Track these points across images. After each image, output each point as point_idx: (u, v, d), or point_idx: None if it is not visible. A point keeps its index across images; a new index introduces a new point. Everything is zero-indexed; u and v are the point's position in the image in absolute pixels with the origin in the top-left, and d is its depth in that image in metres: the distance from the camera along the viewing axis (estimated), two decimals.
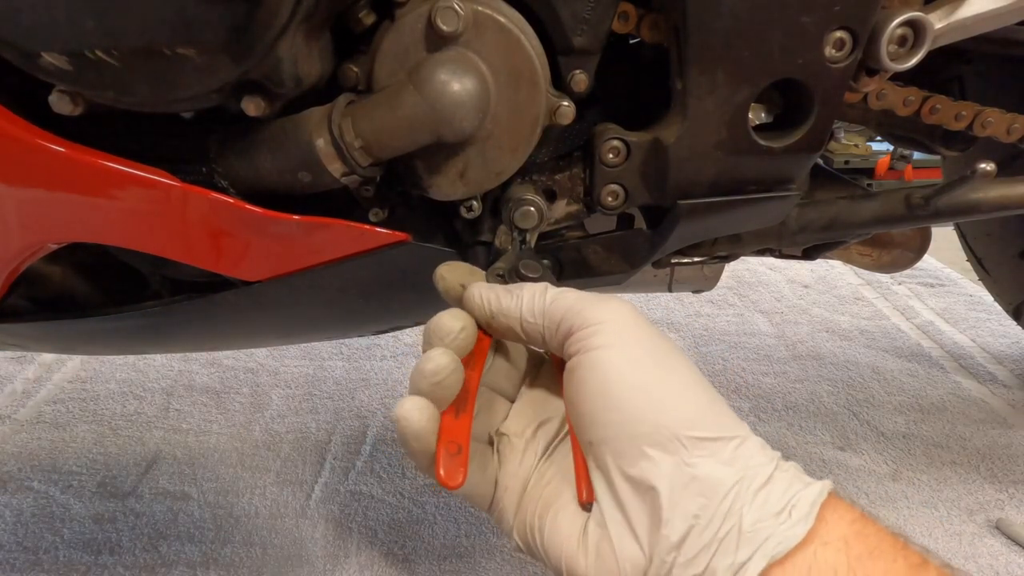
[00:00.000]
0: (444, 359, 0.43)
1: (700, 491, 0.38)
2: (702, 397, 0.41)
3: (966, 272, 1.81)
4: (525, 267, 0.50)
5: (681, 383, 0.41)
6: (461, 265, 0.50)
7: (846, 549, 0.36)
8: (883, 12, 0.54)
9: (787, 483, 0.39)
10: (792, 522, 0.37)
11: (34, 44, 0.43)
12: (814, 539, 0.37)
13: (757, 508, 0.37)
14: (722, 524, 0.37)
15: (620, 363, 0.41)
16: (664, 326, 1.70)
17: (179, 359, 1.49)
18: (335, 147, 0.50)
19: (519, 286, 0.46)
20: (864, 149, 3.00)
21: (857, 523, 0.38)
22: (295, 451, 1.21)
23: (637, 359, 0.41)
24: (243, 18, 0.43)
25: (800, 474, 0.40)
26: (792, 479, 0.39)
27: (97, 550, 1.00)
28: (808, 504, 0.37)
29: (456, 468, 0.42)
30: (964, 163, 1.02)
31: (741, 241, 0.75)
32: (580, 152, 0.62)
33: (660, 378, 0.41)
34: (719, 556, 0.37)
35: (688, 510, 0.38)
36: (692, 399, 0.41)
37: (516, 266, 0.50)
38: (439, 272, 0.49)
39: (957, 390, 1.42)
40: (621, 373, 0.41)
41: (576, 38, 0.53)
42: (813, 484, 0.39)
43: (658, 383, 0.41)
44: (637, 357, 0.41)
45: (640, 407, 0.40)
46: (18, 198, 0.52)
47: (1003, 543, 1.03)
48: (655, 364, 0.41)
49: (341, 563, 0.98)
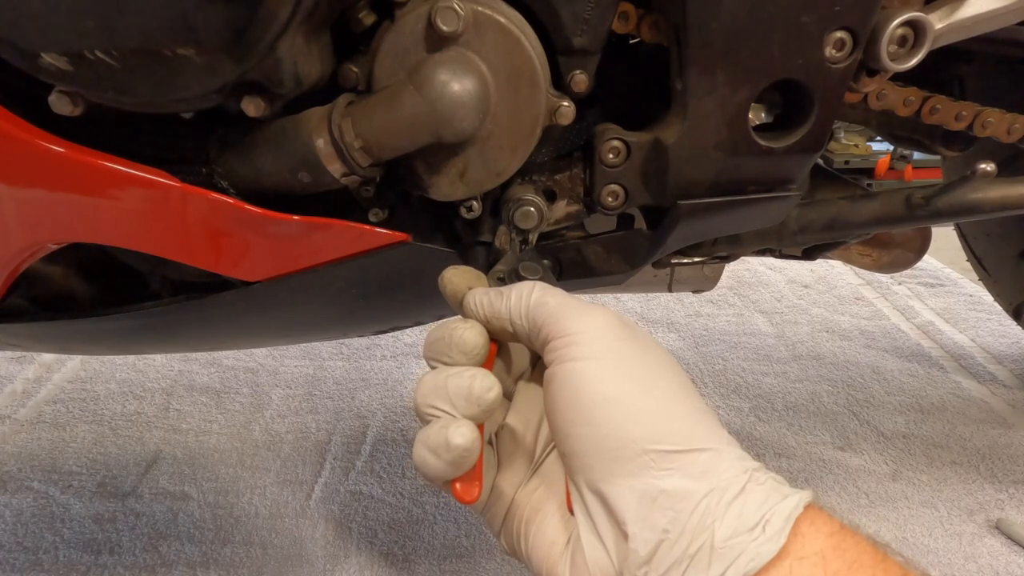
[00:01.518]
0: (497, 388, 0.42)
1: (669, 504, 0.37)
2: (676, 409, 0.40)
3: (966, 272, 1.81)
4: (525, 269, 0.50)
5: (655, 396, 0.41)
6: (467, 270, 0.50)
7: (823, 564, 0.36)
8: (883, 12, 0.54)
9: (763, 496, 0.38)
10: (766, 537, 0.36)
11: (34, 44, 0.43)
12: (789, 554, 0.36)
13: (730, 522, 0.37)
14: (692, 539, 0.37)
15: (591, 376, 0.41)
16: (664, 326, 1.70)
17: (179, 359, 1.49)
18: (335, 147, 0.50)
19: (510, 287, 0.46)
20: (864, 149, 3.00)
21: (835, 536, 0.37)
22: (295, 451, 1.21)
23: (609, 372, 0.41)
24: (243, 18, 0.43)
25: (779, 486, 0.39)
26: (769, 491, 0.38)
27: (97, 550, 1.00)
28: (783, 518, 0.37)
29: (471, 482, 0.42)
30: (964, 163, 1.02)
31: (741, 241, 0.74)
32: (580, 152, 0.62)
33: (632, 391, 0.40)
34: (691, 572, 0.36)
35: (657, 524, 0.37)
36: (664, 412, 0.40)
37: (516, 268, 0.50)
38: (445, 276, 0.49)
39: (957, 390, 1.42)
40: (591, 386, 0.40)
41: (576, 38, 0.53)
42: (790, 496, 0.38)
43: (628, 397, 0.40)
44: (609, 370, 0.41)
45: (608, 421, 0.39)
46: (18, 198, 0.52)
47: (1003, 543, 1.03)
48: (628, 377, 0.41)
49: (341, 563, 0.98)
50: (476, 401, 0.42)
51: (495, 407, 0.43)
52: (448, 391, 0.42)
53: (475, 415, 0.42)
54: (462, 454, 0.41)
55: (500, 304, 0.45)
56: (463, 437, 0.41)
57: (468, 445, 0.41)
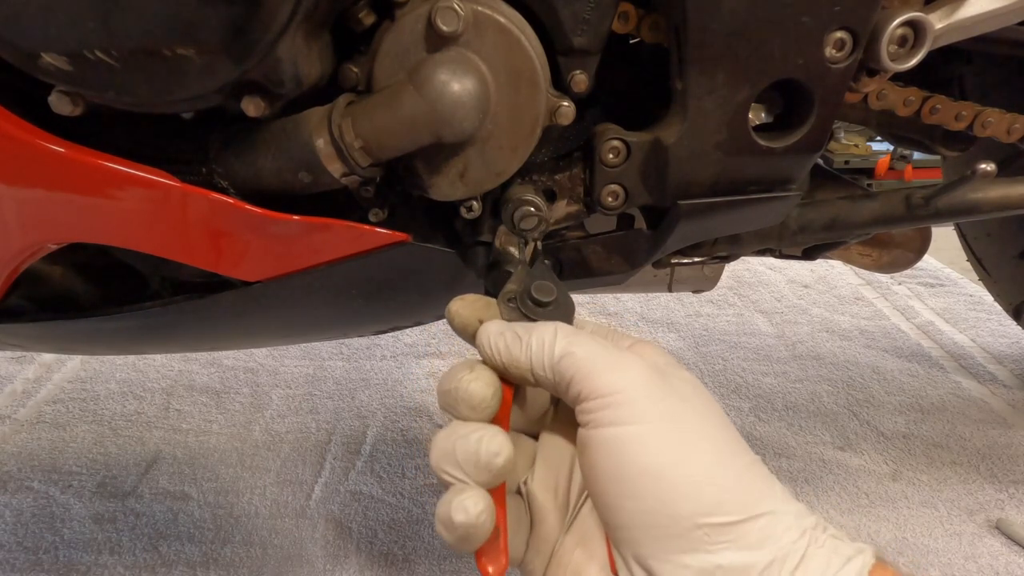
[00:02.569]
0: (506, 451, 0.39)
1: None
2: (728, 472, 0.38)
3: (966, 272, 1.81)
4: (538, 290, 0.46)
5: (703, 461, 0.38)
6: (475, 299, 0.47)
7: None
8: (883, 12, 0.54)
9: (825, 560, 0.36)
10: None
11: (34, 44, 0.43)
12: None
13: None
14: None
15: (633, 445, 0.37)
16: (664, 326, 1.70)
17: (179, 359, 1.49)
18: (335, 147, 0.50)
19: (528, 330, 0.42)
20: (864, 149, 3.00)
21: None
22: (295, 451, 1.21)
23: (652, 439, 0.38)
24: (243, 18, 0.43)
25: (839, 544, 0.37)
26: (830, 554, 0.36)
27: (97, 550, 1.00)
28: None
29: (496, 555, 0.40)
30: (964, 163, 1.02)
31: (741, 241, 0.74)
32: (580, 152, 0.62)
33: (677, 459, 0.37)
34: None
35: None
36: (714, 478, 0.37)
37: (528, 290, 0.46)
38: (452, 310, 0.46)
39: (957, 390, 1.42)
40: (634, 457, 0.37)
41: (576, 38, 0.53)
42: (854, 559, 0.36)
43: (675, 466, 0.37)
44: (652, 436, 0.38)
45: (655, 496, 0.37)
46: (18, 198, 0.52)
47: (1003, 543, 1.03)
48: (672, 443, 0.38)
49: (341, 563, 0.98)
50: (485, 467, 0.39)
51: (507, 471, 0.40)
52: (457, 456, 0.40)
53: (486, 481, 0.39)
54: (468, 531, 0.38)
55: (520, 352, 0.42)
56: (466, 513, 0.38)
57: (472, 521, 0.38)
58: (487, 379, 0.42)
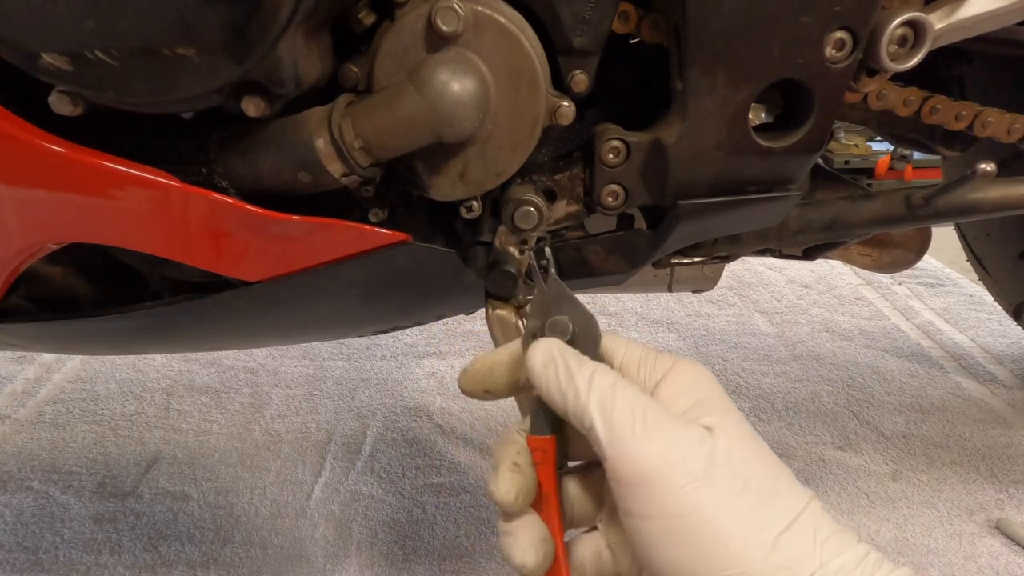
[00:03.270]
0: (532, 562, 0.40)
1: None
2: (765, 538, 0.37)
3: (966, 272, 1.81)
4: (551, 328, 0.45)
5: (739, 531, 0.37)
6: (474, 372, 0.47)
7: None
8: (883, 12, 0.54)
9: None
10: None
11: (34, 44, 0.43)
12: None
13: None
14: None
15: (673, 537, 0.37)
16: (664, 326, 1.70)
17: (179, 359, 1.49)
18: (335, 147, 0.50)
19: (587, 373, 0.41)
20: (864, 149, 3.00)
21: None
22: (295, 451, 1.21)
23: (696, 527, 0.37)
24: (243, 18, 0.43)
25: None
26: None
27: (97, 550, 1.00)
28: None
29: None
30: (964, 163, 1.02)
31: (741, 241, 0.74)
32: (580, 152, 0.62)
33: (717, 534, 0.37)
34: None
35: None
36: (745, 557, 0.36)
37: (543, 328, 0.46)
38: (462, 388, 0.47)
39: (957, 390, 1.42)
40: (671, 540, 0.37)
41: (576, 38, 0.53)
42: None
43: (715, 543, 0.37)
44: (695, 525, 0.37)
45: None
46: (18, 198, 0.52)
47: (1003, 543, 1.03)
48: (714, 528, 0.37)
49: (341, 563, 0.98)
50: (519, 569, 0.40)
51: (542, 570, 0.41)
52: (503, 550, 0.42)
53: (528, 573, 0.41)
54: None
55: (559, 400, 0.41)
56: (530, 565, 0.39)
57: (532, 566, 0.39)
58: (507, 485, 0.41)
